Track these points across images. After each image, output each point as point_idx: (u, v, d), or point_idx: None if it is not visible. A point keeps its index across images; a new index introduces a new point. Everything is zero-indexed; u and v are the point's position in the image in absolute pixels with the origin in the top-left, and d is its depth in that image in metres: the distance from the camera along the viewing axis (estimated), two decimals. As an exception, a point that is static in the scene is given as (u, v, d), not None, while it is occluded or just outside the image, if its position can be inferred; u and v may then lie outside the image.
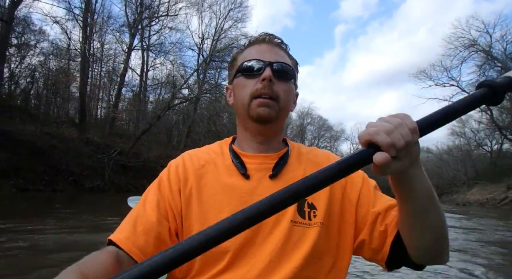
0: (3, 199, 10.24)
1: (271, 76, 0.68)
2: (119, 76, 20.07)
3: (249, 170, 0.71)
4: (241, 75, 0.72)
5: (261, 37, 0.74)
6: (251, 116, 0.70)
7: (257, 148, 0.74)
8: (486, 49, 22.53)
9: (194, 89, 19.97)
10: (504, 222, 10.80)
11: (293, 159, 0.75)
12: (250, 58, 0.71)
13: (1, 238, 4.41)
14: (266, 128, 0.72)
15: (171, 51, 21.48)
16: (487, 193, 23.62)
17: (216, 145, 0.80)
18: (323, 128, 45.54)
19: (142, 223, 0.65)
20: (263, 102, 0.68)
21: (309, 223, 0.67)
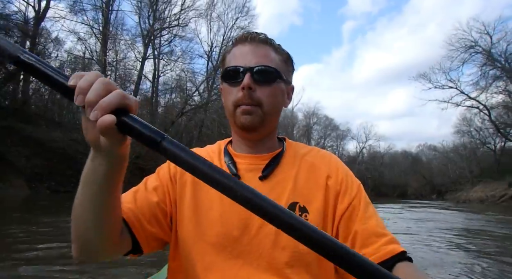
0: (41, 199, 12.17)
1: (250, 84, 0.68)
2: (133, 84, 21.99)
3: (240, 170, 0.72)
4: (225, 81, 0.73)
5: (244, 36, 0.74)
6: (236, 124, 0.72)
7: (248, 149, 0.75)
8: (487, 50, 23.84)
9: (204, 95, 21.77)
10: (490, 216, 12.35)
11: (286, 159, 0.75)
12: (231, 64, 0.72)
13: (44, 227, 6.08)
14: (252, 135, 0.73)
15: (181, 59, 23.36)
16: (489, 190, 24.99)
17: (215, 145, 0.83)
18: (329, 127, 46.80)
19: (141, 199, 0.68)
20: (245, 110, 0.69)
21: None
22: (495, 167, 28.92)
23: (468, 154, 34.80)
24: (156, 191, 0.71)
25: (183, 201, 0.71)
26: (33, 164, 14.65)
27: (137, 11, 21.13)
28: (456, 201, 26.96)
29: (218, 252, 0.66)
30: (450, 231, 7.77)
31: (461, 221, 10.65)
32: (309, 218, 0.67)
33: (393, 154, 51.24)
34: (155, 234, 0.68)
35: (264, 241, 0.65)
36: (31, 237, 5.08)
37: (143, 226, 0.65)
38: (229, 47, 0.77)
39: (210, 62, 23.49)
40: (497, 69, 23.51)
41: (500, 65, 23.19)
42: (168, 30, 22.17)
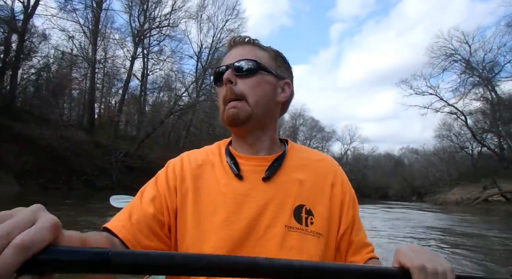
0: (31, 195, 12.60)
1: (229, 77, 0.70)
2: (122, 82, 22.43)
3: (243, 171, 0.72)
4: (215, 85, 0.77)
5: (230, 41, 0.77)
6: (224, 120, 0.73)
7: (248, 150, 0.75)
8: (466, 58, 25.42)
9: (193, 95, 22.41)
10: (458, 216, 13.60)
11: (289, 161, 0.75)
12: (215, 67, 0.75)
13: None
14: (240, 130, 0.73)
15: (171, 58, 23.92)
16: (466, 193, 26.62)
17: (214, 146, 0.82)
18: (315, 129, 48.46)
19: (137, 213, 0.67)
20: (230, 105, 0.70)
21: (306, 229, 0.67)
22: (472, 170, 30.74)
23: (447, 158, 36.79)
24: (153, 202, 0.69)
25: (185, 208, 0.70)
26: (23, 161, 14.98)
27: (128, 10, 21.58)
28: (434, 202, 28.54)
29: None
30: (414, 228, 8.83)
31: (428, 220, 11.79)
32: (314, 222, 0.69)
33: (377, 156, 53.36)
34: (154, 247, 0.68)
35: (271, 242, 0.66)
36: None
37: (141, 242, 0.65)
38: (222, 56, 0.80)
39: (200, 63, 24.14)
40: (475, 77, 25.12)
41: (477, 74, 24.80)
42: (158, 30, 22.71)
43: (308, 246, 0.66)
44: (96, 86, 21.57)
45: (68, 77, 20.72)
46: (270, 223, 0.67)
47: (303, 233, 0.67)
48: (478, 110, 26.64)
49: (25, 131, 15.82)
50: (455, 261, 4.74)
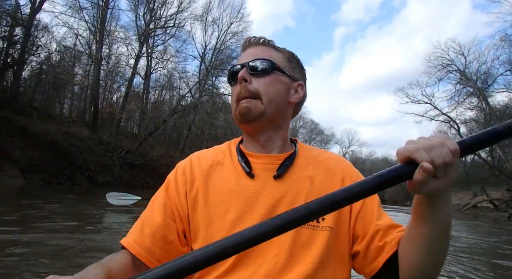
0: (35, 189, 13.14)
1: (244, 76, 0.71)
2: (126, 80, 22.99)
3: (254, 169, 0.73)
4: (228, 83, 0.79)
5: (245, 42, 0.79)
6: (236, 117, 0.74)
7: (260, 148, 0.76)
8: (461, 69, 26.42)
9: (195, 95, 23.05)
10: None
11: (300, 160, 0.76)
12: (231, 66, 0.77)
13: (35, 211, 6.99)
14: (251, 127, 0.74)
15: (174, 58, 24.55)
16: (457, 199, 27.63)
17: (224, 145, 0.83)
18: (315, 132, 49.53)
19: (149, 225, 0.69)
20: (243, 101, 0.72)
21: (317, 225, 0.68)
22: (464, 178, 31.83)
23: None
24: (164, 210, 0.71)
25: (196, 211, 0.72)
26: (28, 155, 15.47)
27: (134, 10, 22.14)
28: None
29: (233, 260, 0.67)
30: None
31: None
32: (326, 217, 0.69)
33: (374, 160, 54.40)
34: (169, 256, 0.69)
35: (283, 239, 0.66)
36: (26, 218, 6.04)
37: (155, 255, 0.67)
38: (237, 57, 0.82)
39: (203, 63, 24.77)
40: (469, 88, 26.16)
41: (471, 85, 25.83)
42: (163, 30, 23.31)
43: (320, 240, 0.67)
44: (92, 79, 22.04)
45: (70, 71, 21.22)
46: None
47: (314, 229, 0.68)
48: (471, 120, 27.71)
49: (30, 126, 16.29)
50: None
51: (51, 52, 20.94)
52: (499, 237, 8.93)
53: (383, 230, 0.70)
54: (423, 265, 0.61)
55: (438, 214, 0.55)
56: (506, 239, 8.53)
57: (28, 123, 16.41)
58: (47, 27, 20.43)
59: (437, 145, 0.47)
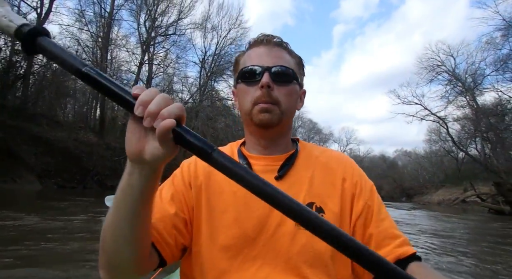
0: (50, 193, 14.48)
1: (269, 82, 0.72)
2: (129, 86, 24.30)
3: (255, 171, 0.69)
4: (242, 82, 0.77)
5: (259, 38, 0.78)
6: (253, 122, 0.75)
7: (262, 150, 0.79)
8: (451, 70, 28.07)
9: (196, 98, 24.46)
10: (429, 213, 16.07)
11: (301, 160, 0.78)
12: (248, 64, 0.76)
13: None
14: (269, 133, 0.77)
15: (175, 64, 25.94)
16: (448, 194, 29.41)
17: (227, 147, 0.86)
18: (313, 131, 51.07)
19: (159, 212, 0.70)
20: (263, 107, 0.73)
21: None
22: (457, 174, 33.62)
23: (436, 161, 39.71)
24: (173, 200, 0.73)
25: (199, 205, 0.74)
26: (42, 162, 16.81)
27: (136, 19, 23.47)
28: (421, 203, 31.20)
29: (235, 255, 0.68)
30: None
31: (403, 216, 14.01)
32: (325, 218, 0.64)
33: (372, 157, 56.26)
34: (178, 245, 0.71)
35: (281, 240, 0.67)
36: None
37: (166, 240, 0.68)
38: (241, 52, 0.83)
39: (203, 69, 26.16)
40: (459, 88, 27.82)
41: (460, 85, 27.50)
42: (164, 38, 24.68)
43: (319, 243, 0.66)
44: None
45: (69, 74, 22.40)
46: (280, 221, 0.69)
47: None
48: (460, 118, 29.43)
49: (42, 133, 17.61)
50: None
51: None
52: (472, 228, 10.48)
53: (378, 240, 0.69)
54: None
55: None
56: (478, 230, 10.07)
57: (40, 131, 17.71)
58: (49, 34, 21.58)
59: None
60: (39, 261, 3.68)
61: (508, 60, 23.72)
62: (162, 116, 0.45)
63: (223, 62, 25.65)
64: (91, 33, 21.95)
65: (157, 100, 0.46)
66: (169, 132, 0.45)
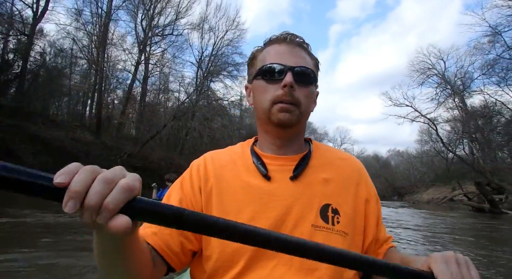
0: None
1: (292, 82, 0.72)
2: (126, 85, 24.68)
3: (270, 171, 0.75)
4: (261, 79, 0.76)
5: (282, 36, 0.78)
6: (272, 121, 0.75)
7: (277, 150, 0.79)
8: (441, 73, 29.21)
9: (192, 99, 24.96)
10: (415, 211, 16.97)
11: (315, 160, 0.79)
12: (271, 62, 0.75)
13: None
14: (286, 133, 0.77)
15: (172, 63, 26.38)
16: (438, 193, 30.60)
17: (237, 146, 0.86)
18: (308, 131, 51.77)
19: None
20: (284, 107, 0.73)
21: (332, 228, 0.70)
22: (446, 173, 34.89)
23: (427, 161, 41.04)
24: (180, 205, 0.73)
25: (210, 209, 0.73)
26: (40, 161, 17.05)
27: (133, 19, 23.82)
28: (412, 201, 32.33)
29: (251, 256, 0.68)
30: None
31: (389, 214, 14.60)
32: (340, 220, 0.71)
33: (365, 157, 57.55)
34: (185, 252, 0.71)
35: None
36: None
37: (172, 249, 0.68)
38: (260, 47, 0.82)
39: (200, 69, 26.68)
40: (448, 90, 28.99)
41: (450, 87, 28.66)
42: (161, 38, 25.09)
43: (334, 244, 0.64)
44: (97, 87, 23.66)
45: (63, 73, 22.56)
46: (296, 222, 0.70)
47: (329, 232, 0.70)
48: (449, 120, 30.65)
49: (40, 133, 17.88)
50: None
51: (46, 54, 22.26)
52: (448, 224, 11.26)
53: (380, 242, 0.77)
54: None
55: None
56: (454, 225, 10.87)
57: (37, 130, 17.97)
58: (43, 31, 21.84)
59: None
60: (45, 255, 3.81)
61: (495, 64, 24.92)
62: (108, 211, 0.36)
63: (220, 63, 26.22)
64: (88, 32, 22.20)
65: (97, 191, 0.36)
66: (125, 230, 0.37)
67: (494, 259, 4.95)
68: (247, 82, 0.85)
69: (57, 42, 22.49)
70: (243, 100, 29.35)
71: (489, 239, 7.37)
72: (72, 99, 26.03)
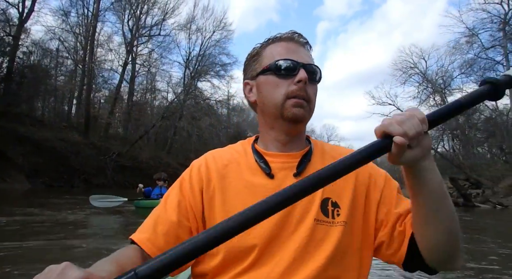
0: (39, 192, 15.16)
1: (307, 78, 0.74)
2: (113, 85, 25.28)
3: (273, 169, 0.76)
4: (273, 74, 0.77)
5: (290, 35, 0.80)
6: (285, 116, 0.76)
7: (281, 147, 0.80)
8: (423, 72, 30.83)
9: (180, 99, 25.77)
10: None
11: (316, 156, 0.80)
12: (282, 58, 0.77)
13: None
14: (296, 128, 0.79)
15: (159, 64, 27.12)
16: (420, 189, 32.19)
17: (238, 145, 0.87)
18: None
19: (162, 223, 0.72)
20: (298, 102, 0.75)
21: (333, 221, 0.72)
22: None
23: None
24: (178, 208, 0.74)
25: (213, 209, 0.74)
26: (30, 161, 17.59)
27: (121, 20, 24.43)
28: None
29: (256, 254, 0.70)
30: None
31: None
32: (341, 213, 0.73)
33: (352, 153, 59.61)
34: None
35: (301, 236, 0.70)
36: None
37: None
38: (262, 44, 0.83)
39: (188, 69, 27.48)
40: (429, 88, 30.65)
41: (431, 86, 30.33)
42: (148, 38, 25.78)
43: (334, 236, 0.70)
44: (85, 87, 24.20)
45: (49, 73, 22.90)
46: (300, 218, 0.72)
47: (329, 225, 0.71)
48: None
49: (29, 133, 18.30)
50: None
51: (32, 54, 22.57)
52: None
53: (404, 215, 0.73)
54: (436, 239, 0.65)
55: (426, 183, 0.60)
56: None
57: (26, 131, 18.42)
58: (28, 31, 22.20)
59: (408, 117, 0.54)
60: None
61: (473, 64, 26.64)
62: None
63: (208, 63, 27.10)
64: (74, 33, 22.73)
65: None
66: None
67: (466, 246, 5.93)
68: (247, 79, 0.85)
69: (42, 42, 22.93)
70: (231, 100, 30.44)
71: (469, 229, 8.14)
72: (58, 99, 26.40)
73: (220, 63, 27.12)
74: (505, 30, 24.18)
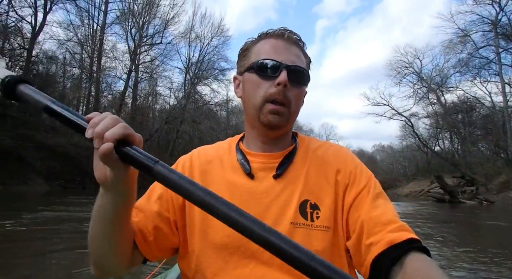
0: (56, 194, 17.30)
1: (287, 81, 0.73)
2: (119, 92, 27.78)
3: (253, 169, 0.78)
4: (254, 73, 0.77)
5: (280, 31, 0.79)
6: (261, 121, 0.77)
7: (262, 147, 0.81)
8: (418, 71, 32.81)
9: (181, 103, 28.22)
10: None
11: (299, 156, 0.80)
12: (266, 57, 0.76)
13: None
14: (273, 133, 0.79)
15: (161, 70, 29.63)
16: (417, 186, 34.28)
17: (225, 142, 0.89)
18: (294, 128, 55.33)
19: (144, 211, 0.76)
20: (275, 109, 0.74)
21: (312, 224, 0.71)
22: (426, 167, 38.72)
23: (409, 155, 44.88)
24: (160, 200, 0.78)
25: (193, 205, 0.69)
26: (47, 166, 20.12)
27: (124, 31, 26.93)
28: (394, 195, 36.14)
29: (231, 253, 0.71)
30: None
31: None
32: (320, 215, 0.72)
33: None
34: (159, 245, 0.76)
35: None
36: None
37: (146, 240, 0.73)
38: (254, 39, 0.82)
39: (188, 74, 29.94)
40: (424, 88, 32.65)
41: (426, 85, 32.33)
42: (150, 46, 28.30)
43: (315, 241, 0.69)
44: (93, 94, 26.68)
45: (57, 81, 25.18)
46: (275, 220, 0.72)
47: (308, 228, 0.71)
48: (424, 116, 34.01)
49: (44, 140, 20.80)
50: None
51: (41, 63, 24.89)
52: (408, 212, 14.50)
53: (370, 227, 0.67)
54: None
55: None
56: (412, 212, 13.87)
57: (43, 138, 20.94)
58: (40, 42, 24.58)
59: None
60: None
61: (468, 62, 28.37)
62: (105, 139, 0.50)
63: (207, 68, 29.57)
64: (82, 44, 25.22)
65: (104, 122, 0.52)
66: (111, 153, 0.50)
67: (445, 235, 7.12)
68: (237, 73, 0.85)
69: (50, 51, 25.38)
70: (229, 103, 32.86)
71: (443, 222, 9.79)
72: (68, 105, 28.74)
73: (219, 68, 29.57)
74: (497, 31, 26.07)
